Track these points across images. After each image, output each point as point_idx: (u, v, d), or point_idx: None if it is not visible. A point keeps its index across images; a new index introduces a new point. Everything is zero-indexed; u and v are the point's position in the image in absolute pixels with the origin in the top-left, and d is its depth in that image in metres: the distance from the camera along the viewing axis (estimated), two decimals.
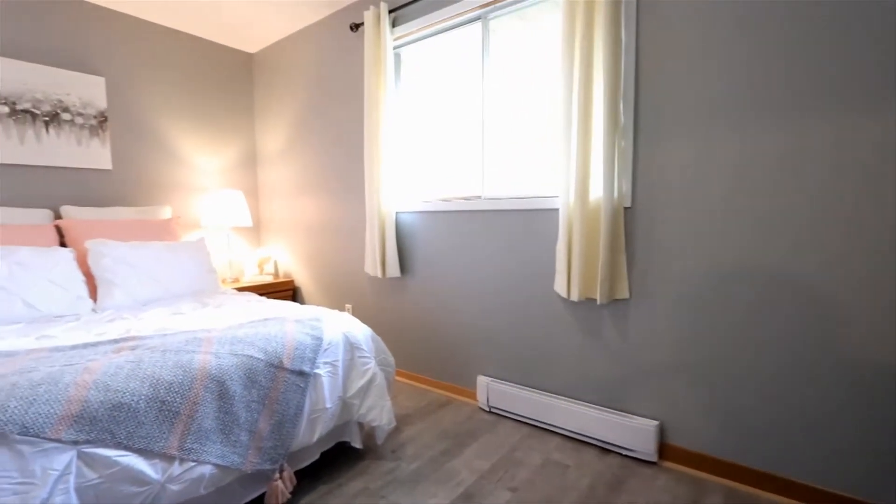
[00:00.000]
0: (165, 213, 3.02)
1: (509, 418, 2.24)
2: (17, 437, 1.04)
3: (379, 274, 2.60)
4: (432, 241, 2.54)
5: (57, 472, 1.07)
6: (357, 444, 1.89)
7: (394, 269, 2.57)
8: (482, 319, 2.37)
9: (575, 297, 1.89)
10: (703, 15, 1.65)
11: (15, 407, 1.06)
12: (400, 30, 2.55)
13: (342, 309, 3.09)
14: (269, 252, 3.56)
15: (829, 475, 1.52)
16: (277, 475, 1.53)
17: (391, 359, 2.01)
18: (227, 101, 3.49)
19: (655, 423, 1.81)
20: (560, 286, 1.96)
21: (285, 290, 3.37)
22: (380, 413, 1.82)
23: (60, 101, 2.70)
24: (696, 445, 1.78)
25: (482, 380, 2.32)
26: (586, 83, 1.78)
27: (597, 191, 1.82)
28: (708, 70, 1.65)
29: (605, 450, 1.93)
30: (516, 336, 2.24)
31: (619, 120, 1.76)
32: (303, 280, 3.43)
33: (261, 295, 3.00)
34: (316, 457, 1.77)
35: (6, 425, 1.03)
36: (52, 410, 1.10)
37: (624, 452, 1.87)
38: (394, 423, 1.86)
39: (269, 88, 3.51)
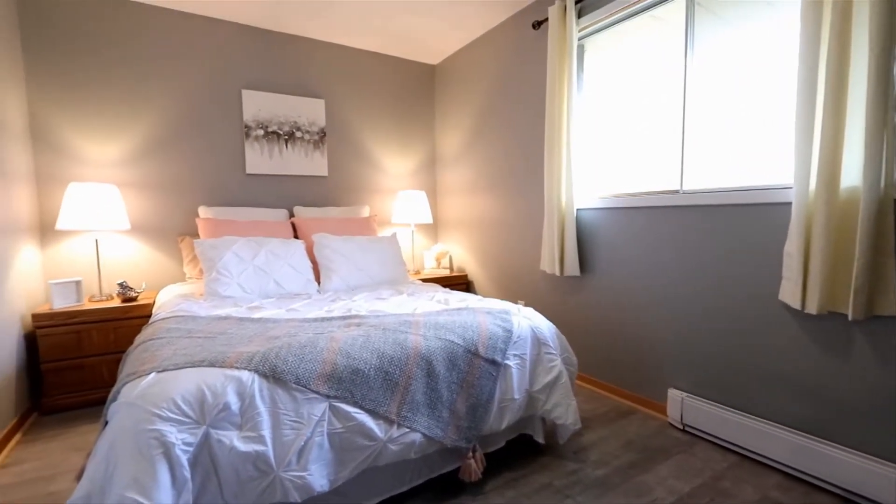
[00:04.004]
0: (365, 211, 3.51)
1: (709, 441, 1.97)
2: (293, 385, 1.32)
3: (557, 272, 2.57)
4: (618, 239, 2.40)
5: (317, 418, 1.33)
6: (539, 439, 1.90)
7: (573, 268, 2.51)
8: (677, 327, 2.14)
9: (812, 308, 1.55)
10: None
11: (291, 361, 1.35)
12: (586, 20, 2.47)
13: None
14: (445, 247, 3.83)
15: None
16: (470, 454, 1.63)
17: (574, 358, 1.97)
18: (412, 110, 3.88)
19: None
20: (789, 295, 1.64)
21: (460, 283, 3.59)
22: (565, 411, 1.79)
23: (295, 122, 3.36)
24: None
25: (675, 394, 2.10)
26: (840, 44, 1.45)
27: (851, 179, 1.47)
28: None
29: (849, 501, 1.55)
30: (722, 349, 1.96)
31: (891, 88, 1.39)
32: (475, 274, 3.61)
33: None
34: (501, 444, 1.84)
35: (287, 374, 1.32)
36: (313, 368, 1.37)
37: None
38: (579, 424, 1.82)
39: (449, 95, 3.77)
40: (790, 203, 1.66)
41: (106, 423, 1.23)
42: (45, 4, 2.56)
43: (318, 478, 1.31)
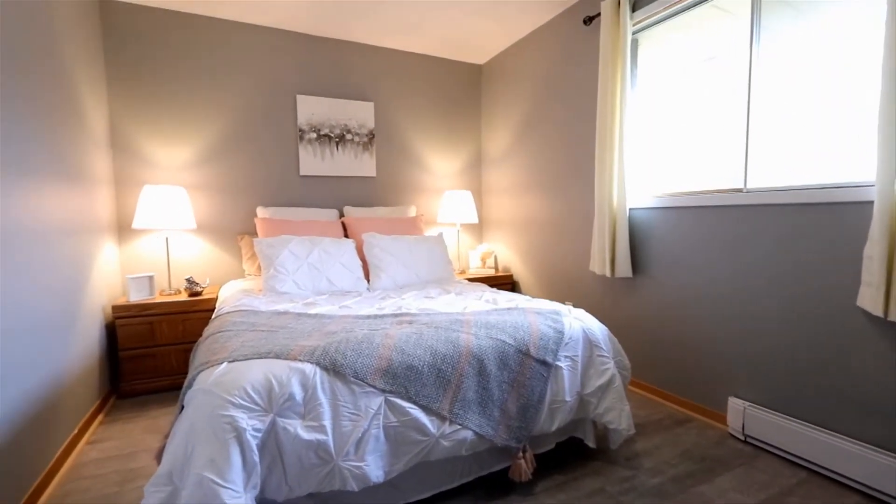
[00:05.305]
0: (411, 211, 3.57)
1: (774, 454, 1.86)
2: (352, 378, 1.37)
3: (607, 273, 2.50)
4: (674, 240, 2.31)
5: (373, 411, 1.37)
6: (590, 443, 1.87)
7: (625, 269, 2.44)
8: (739, 333, 2.03)
9: None
10: None
11: (350, 355, 1.41)
12: (640, 13, 2.39)
13: None
14: (490, 247, 3.82)
15: None
16: (521, 454, 1.63)
17: (627, 362, 1.92)
18: (459, 110, 3.90)
19: None
20: (869, 301, 1.52)
21: (505, 283, 3.58)
22: (618, 416, 1.75)
23: (345, 125, 3.46)
24: None
25: (736, 403, 2.00)
26: None
27: None
28: None
29: None
30: (791, 357, 1.85)
31: None
32: (521, 274, 3.58)
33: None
34: (552, 446, 1.82)
35: (346, 368, 1.37)
36: (370, 363, 1.41)
37: None
38: (633, 430, 1.77)
39: (496, 94, 3.77)
40: (871, 202, 1.54)
41: (182, 407, 1.33)
42: (126, 23, 2.78)
43: (374, 469, 1.36)
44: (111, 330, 2.62)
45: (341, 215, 3.39)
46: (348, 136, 3.47)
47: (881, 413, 1.59)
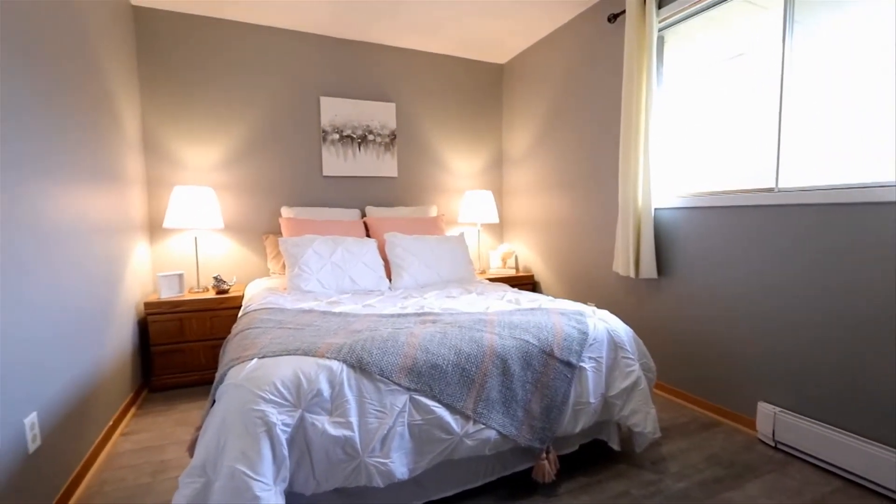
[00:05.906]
0: (433, 211, 3.58)
1: (806, 461, 1.81)
2: (377, 376, 1.39)
3: (631, 274, 2.47)
4: (700, 241, 2.26)
5: (398, 408, 1.39)
6: (615, 446, 1.85)
7: (649, 270, 2.40)
8: (769, 336, 1.98)
9: None
10: None
11: (375, 353, 1.42)
12: (666, 10, 2.35)
13: None
14: (511, 247, 3.81)
15: None
16: (544, 455, 1.62)
17: (652, 364, 1.89)
18: (480, 110, 3.90)
19: None
20: None
21: (526, 283, 3.56)
22: (644, 419, 1.73)
23: (367, 126, 3.50)
24: None
25: (765, 408, 1.94)
26: None
27: None
28: None
29: None
30: (825, 361, 1.79)
31: None
32: (542, 275, 3.56)
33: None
34: (575, 448, 1.81)
35: (372, 366, 1.39)
36: (395, 361, 1.43)
37: None
38: (659, 433, 1.74)
39: (517, 94, 3.75)
40: None
41: (213, 401, 1.36)
42: (156, 27, 2.88)
43: (399, 466, 1.37)
44: (143, 326, 2.71)
45: (363, 215, 3.43)
46: (370, 137, 3.51)
47: None
